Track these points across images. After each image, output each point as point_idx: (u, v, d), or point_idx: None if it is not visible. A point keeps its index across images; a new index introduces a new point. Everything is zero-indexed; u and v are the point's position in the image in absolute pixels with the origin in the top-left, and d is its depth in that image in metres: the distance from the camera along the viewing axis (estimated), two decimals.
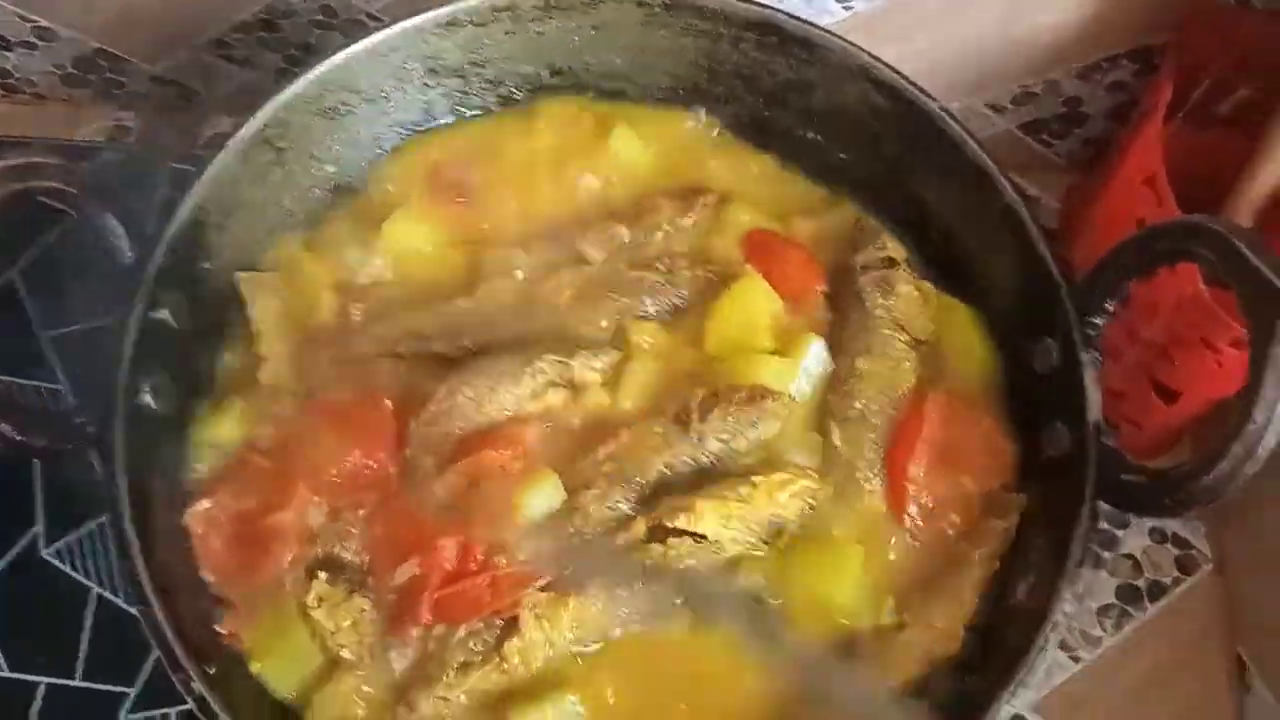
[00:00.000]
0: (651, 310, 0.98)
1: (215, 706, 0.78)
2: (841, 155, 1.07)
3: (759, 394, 0.91)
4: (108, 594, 1.09)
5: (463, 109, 1.10)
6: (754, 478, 0.88)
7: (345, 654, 0.85)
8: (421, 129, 1.09)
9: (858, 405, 0.93)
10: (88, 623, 1.08)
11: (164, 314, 0.90)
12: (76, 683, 1.06)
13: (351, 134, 1.05)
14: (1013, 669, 0.78)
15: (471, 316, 0.97)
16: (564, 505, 0.88)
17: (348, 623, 0.85)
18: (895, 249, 0.99)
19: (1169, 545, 1.17)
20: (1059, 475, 0.87)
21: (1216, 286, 0.93)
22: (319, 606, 0.86)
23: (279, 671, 0.87)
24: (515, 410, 0.92)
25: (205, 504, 0.90)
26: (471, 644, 0.85)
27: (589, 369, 0.93)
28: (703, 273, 0.99)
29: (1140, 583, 1.15)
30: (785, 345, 0.96)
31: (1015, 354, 0.96)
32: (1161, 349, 1.02)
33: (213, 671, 0.80)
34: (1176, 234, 0.82)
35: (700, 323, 0.97)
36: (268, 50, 1.29)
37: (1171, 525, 1.17)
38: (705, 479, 0.89)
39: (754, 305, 0.96)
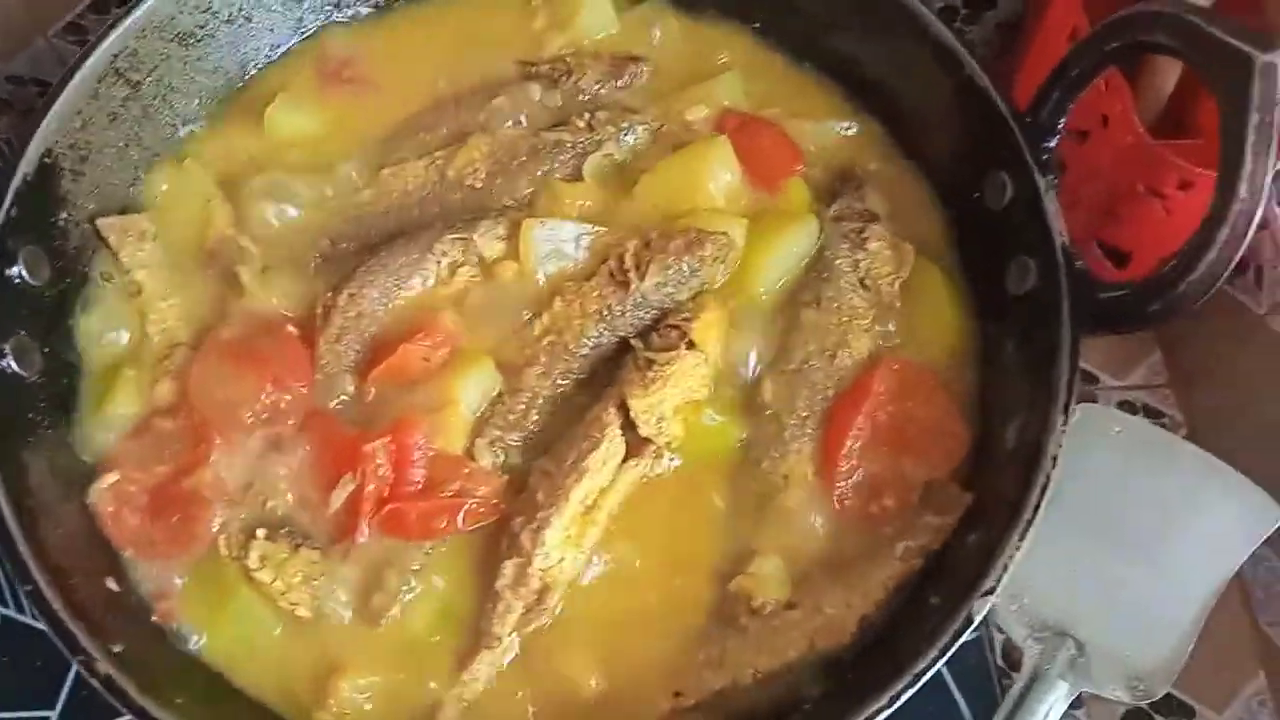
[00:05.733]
0: (572, 170, 0.91)
1: (124, 685, 0.70)
2: (756, 25, 1.01)
3: (697, 239, 0.84)
4: (13, 613, 0.99)
5: (337, 20, 1.02)
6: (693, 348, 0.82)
7: (300, 611, 0.79)
8: (293, 50, 1.01)
9: (796, 358, 0.86)
10: None
11: (18, 270, 0.82)
12: None
13: (214, 61, 0.96)
14: (1018, 513, 0.72)
15: (375, 208, 0.90)
16: (505, 387, 0.83)
17: (298, 578, 0.79)
18: (877, 203, 0.92)
19: (1140, 415, 1.12)
20: (1031, 311, 0.82)
21: (1155, 137, 0.91)
22: (262, 567, 0.79)
23: (229, 644, 0.80)
24: (426, 299, 0.86)
25: (111, 478, 0.83)
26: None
27: (493, 238, 0.87)
28: (644, 128, 0.93)
29: None
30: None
31: (964, 199, 0.90)
32: (1107, 208, 0.99)
33: (119, 650, 0.73)
34: (1128, 27, 0.77)
35: (635, 179, 0.90)
36: None
37: (1141, 396, 1.13)
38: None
39: (706, 165, 0.89)
